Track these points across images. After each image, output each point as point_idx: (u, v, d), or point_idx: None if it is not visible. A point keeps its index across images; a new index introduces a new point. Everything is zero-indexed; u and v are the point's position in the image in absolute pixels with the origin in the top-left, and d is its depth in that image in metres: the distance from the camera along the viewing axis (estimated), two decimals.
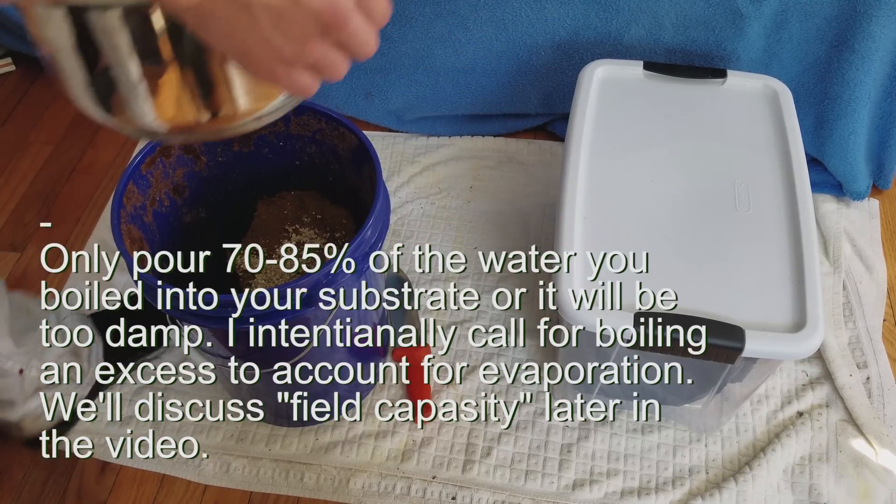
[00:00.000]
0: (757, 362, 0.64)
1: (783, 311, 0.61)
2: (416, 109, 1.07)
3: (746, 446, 0.77)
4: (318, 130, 0.70)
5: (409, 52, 0.98)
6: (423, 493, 0.75)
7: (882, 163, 0.96)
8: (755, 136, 0.75)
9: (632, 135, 0.75)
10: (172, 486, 0.77)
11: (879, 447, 0.76)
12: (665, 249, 0.65)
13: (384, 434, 0.79)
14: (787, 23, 0.86)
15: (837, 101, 0.90)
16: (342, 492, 0.75)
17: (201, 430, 0.80)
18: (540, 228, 0.97)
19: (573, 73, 0.83)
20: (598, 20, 0.90)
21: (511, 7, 0.91)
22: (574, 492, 0.74)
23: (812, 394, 0.80)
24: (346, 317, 0.66)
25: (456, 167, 1.05)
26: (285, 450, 0.78)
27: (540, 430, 0.79)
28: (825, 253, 0.92)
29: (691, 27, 0.89)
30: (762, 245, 0.65)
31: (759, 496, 0.73)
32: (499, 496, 0.74)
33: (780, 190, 0.69)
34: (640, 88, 0.80)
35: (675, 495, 0.74)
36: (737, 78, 0.80)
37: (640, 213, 0.68)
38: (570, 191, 0.69)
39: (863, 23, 0.83)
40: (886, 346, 0.84)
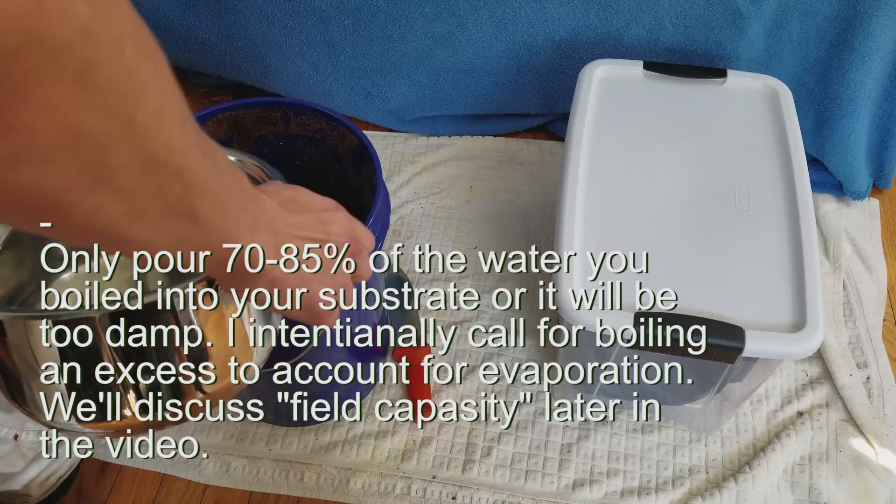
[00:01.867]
0: (757, 362, 0.64)
1: (783, 311, 0.61)
2: (416, 109, 1.07)
3: (746, 446, 0.77)
4: (318, 130, 0.70)
5: (409, 52, 0.98)
6: (423, 492, 0.75)
7: (882, 162, 0.95)
8: (755, 135, 0.75)
9: (632, 135, 0.75)
10: (172, 486, 0.77)
11: (879, 447, 0.76)
12: (665, 249, 0.65)
13: (384, 434, 0.79)
14: (788, 23, 0.86)
15: (837, 100, 0.90)
16: (342, 492, 0.75)
17: (201, 430, 0.80)
18: (540, 228, 0.97)
19: (573, 73, 0.83)
20: (598, 20, 0.90)
21: (511, 7, 0.91)
22: (574, 492, 0.74)
23: (812, 394, 0.80)
24: (346, 317, 0.66)
25: (456, 167, 1.05)
26: (285, 450, 0.78)
27: (540, 430, 0.79)
28: (825, 253, 0.92)
29: (691, 27, 0.89)
30: (762, 245, 0.65)
31: (759, 496, 0.73)
32: (499, 496, 0.74)
33: (780, 190, 0.69)
34: (640, 88, 0.80)
35: (675, 495, 0.74)
36: (737, 78, 0.80)
37: (640, 213, 0.68)
38: (570, 191, 0.69)
39: (863, 23, 0.83)
40: (886, 346, 0.84)
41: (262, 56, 1.02)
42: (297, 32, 0.98)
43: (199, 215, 0.28)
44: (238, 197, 0.32)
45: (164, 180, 0.25)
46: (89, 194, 0.23)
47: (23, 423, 0.69)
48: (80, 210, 0.24)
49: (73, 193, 0.23)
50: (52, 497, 0.74)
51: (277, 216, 0.36)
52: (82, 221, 0.24)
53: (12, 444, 0.69)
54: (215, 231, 0.30)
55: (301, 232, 0.38)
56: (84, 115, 0.21)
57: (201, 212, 0.28)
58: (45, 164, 0.21)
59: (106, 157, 0.23)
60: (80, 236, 0.26)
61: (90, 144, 0.22)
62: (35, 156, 0.21)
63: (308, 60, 1.01)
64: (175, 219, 0.28)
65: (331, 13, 0.94)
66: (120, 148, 0.23)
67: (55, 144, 0.21)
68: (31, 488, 0.72)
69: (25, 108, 0.19)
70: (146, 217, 0.26)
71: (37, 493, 0.73)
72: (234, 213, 0.31)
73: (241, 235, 0.32)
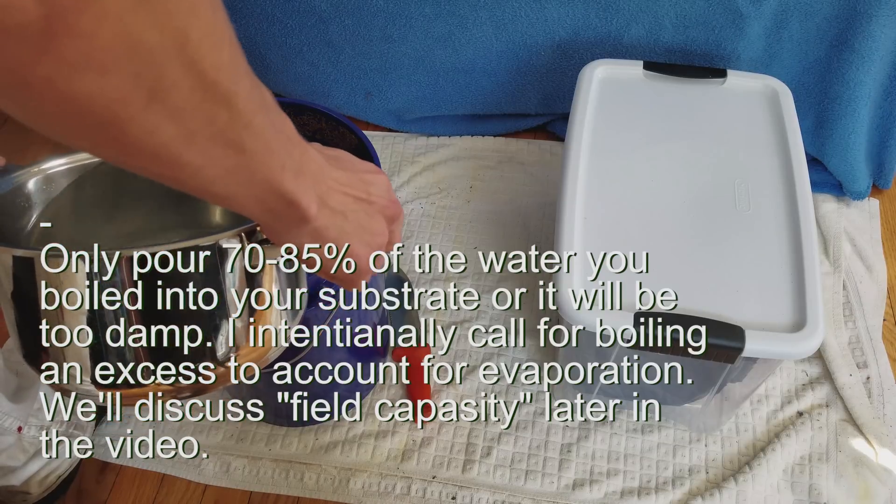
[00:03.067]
0: (757, 362, 0.64)
1: (783, 311, 0.61)
2: (416, 109, 1.07)
3: (746, 446, 0.77)
4: (318, 130, 0.70)
5: (409, 52, 0.98)
6: (423, 493, 0.75)
7: (882, 162, 0.95)
8: (755, 136, 0.75)
9: (632, 135, 0.75)
10: (172, 486, 0.77)
11: (879, 447, 0.76)
12: (665, 249, 0.65)
13: (384, 434, 0.79)
14: (787, 23, 0.86)
15: (837, 100, 0.90)
16: (342, 492, 0.75)
17: (201, 430, 0.80)
18: (540, 228, 0.97)
19: (573, 73, 0.83)
20: (598, 20, 0.90)
21: (511, 7, 0.91)
22: (574, 492, 0.74)
23: (812, 394, 0.80)
24: (346, 317, 0.66)
25: (456, 167, 1.05)
26: (285, 450, 0.78)
27: (540, 430, 0.79)
28: (825, 253, 0.92)
29: (691, 27, 0.89)
30: (762, 245, 0.65)
31: (759, 496, 0.73)
32: (499, 496, 0.74)
33: (780, 190, 0.69)
34: (640, 88, 0.80)
35: (675, 495, 0.74)
36: (737, 78, 0.80)
37: (640, 213, 0.68)
38: (570, 191, 0.69)
39: (863, 22, 0.83)
40: (886, 346, 0.84)
41: (262, 56, 1.02)
42: (297, 32, 0.98)
43: (246, 147, 0.29)
44: (283, 139, 0.32)
45: (213, 104, 0.27)
46: (145, 111, 0.25)
47: (27, 415, 0.69)
48: (137, 127, 0.25)
49: (131, 109, 0.24)
50: (52, 496, 0.74)
51: (322, 168, 0.37)
52: (138, 139, 0.26)
53: (15, 436, 0.69)
54: (260, 166, 0.31)
55: (344, 188, 0.38)
56: (142, 26, 0.22)
57: (247, 144, 0.29)
58: (106, 74, 0.23)
59: (161, 73, 0.24)
60: (134, 156, 0.27)
61: (147, 58, 0.23)
62: (96, 64, 0.22)
63: (308, 60, 1.01)
64: (223, 147, 0.29)
65: (331, 13, 0.94)
66: (174, 65, 0.24)
67: (115, 54, 0.22)
68: (30, 486, 0.72)
69: (88, 12, 0.21)
70: (197, 141, 0.27)
71: (36, 491, 0.73)
72: (279, 152, 0.32)
73: (286, 178, 0.33)
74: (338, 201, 0.38)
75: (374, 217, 0.41)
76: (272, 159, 0.31)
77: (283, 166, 0.32)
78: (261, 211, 0.34)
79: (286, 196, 0.33)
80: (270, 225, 0.36)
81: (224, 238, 0.40)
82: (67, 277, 0.38)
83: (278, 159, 0.32)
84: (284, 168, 0.32)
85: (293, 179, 0.33)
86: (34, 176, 0.49)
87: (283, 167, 0.32)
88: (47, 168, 0.50)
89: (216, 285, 0.41)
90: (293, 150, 0.34)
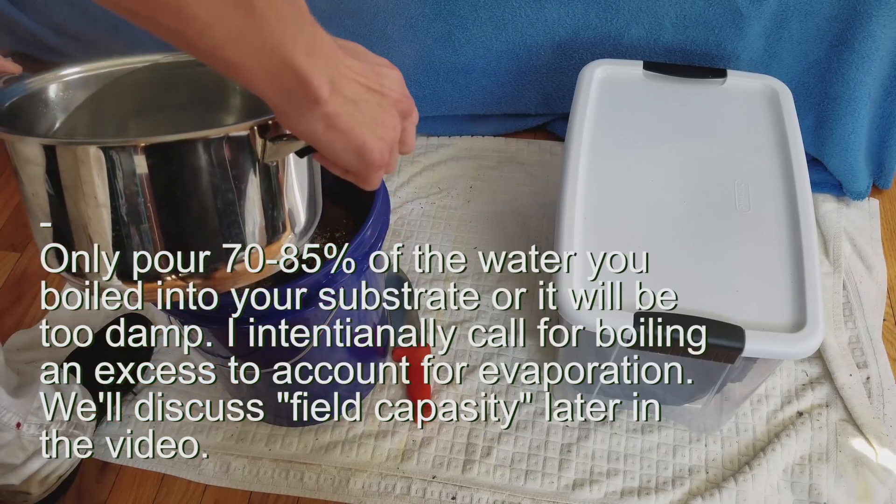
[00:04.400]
0: (757, 362, 0.64)
1: (783, 311, 0.61)
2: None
3: (746, 446, 0.77)
4: None
5: (409, 52, 0.98)
6: (423, 492, 0.75)
7: (882, 162, 0.96)
8: (755, 135, 0.75)
9: (632, 135, 0.75)
10: (172, 486, 0.77)
11: (879, 447, 0.76)
12: (665, 249, 0.65)
13: (384, 434, 0.79)
14: (787, 23, 0.86)
15: (837, 100, 0.90)
16: (342, 492, 0.75)
17: (201, 430, 0.80)
18: (540, 228, 0.97)
19: (573, 73, 0.83)
20: (598, 20, 0.90)
21: (511, 7, 0.91)
22: (574, 492, 0.74)
23: (812, 394, 0.80)
24: (346, 317, 0.66)
25: (456, 167, 1.05)
26: (285, 450, 0.78)
27: (540, 430, 0.79)
28: (825, 253, 0.92)
29: (691, 27, 0.89)
30: (762, 245, 0.65)
31: (759, 496, 0.73)
32: (499, 496, 0.74)
33: (780, 190, 0.69)
34: (640, 88, 0.80)
35: (675, 495, 0.74)
36: (737, 78, 0.80)
37: (640, 213, 0.68)
38: (570, 191, 0.69)
39: (863, 22, 0.83)
40: (886, 346, 0.84)
41: None
42: None
43: (255, 7, 0.29)
44: (295, 10, 0.32)
45: None
46: None
47: (26, 412, 0.69)
48: None
49: None
50: (52, 496, 0.74)
51: (335, 53, 0.36)
52: None
53: (14, 433, 0.68)
54: (270, 32, 0.31)
55: (357, 77, 0.38)
56: None
57: (257, 4, 0.29)
58: None
59: None
60: (142, 3, 0.27)
61: None
62: None
63: None
64: (232, 6, 0.29)
65: (331, 13, 0.94)
66: None
67: None
68: (30, 486, 0.72)
69: None
70: None
71: (36, 491, 0.73)
72: (290, 22, 0.32)
73: (298, 52, 0.32)
74: (351, 90, 0.37)
75: (388, 110, 0.39)
76: (283, 27, 0.31)
77: (294, 39, 0.32)
78: (273, 90, 0.33)
79: (298, 72, 0.32)
80: (283, 108, 0.36)
81: (235, 129, 0.40)
82: (85, 168, 0.38)
83: (290, 29, 0.31)
84: (296, 41, 0.32)
85: (305, 57, 0.33)
86: (50, 82, 0.49)
87: (295, 40, 0.32)
88: (63, 75, 0.50)
89: (224, 177, 0.41)
90: (305, 24, 0.33)
